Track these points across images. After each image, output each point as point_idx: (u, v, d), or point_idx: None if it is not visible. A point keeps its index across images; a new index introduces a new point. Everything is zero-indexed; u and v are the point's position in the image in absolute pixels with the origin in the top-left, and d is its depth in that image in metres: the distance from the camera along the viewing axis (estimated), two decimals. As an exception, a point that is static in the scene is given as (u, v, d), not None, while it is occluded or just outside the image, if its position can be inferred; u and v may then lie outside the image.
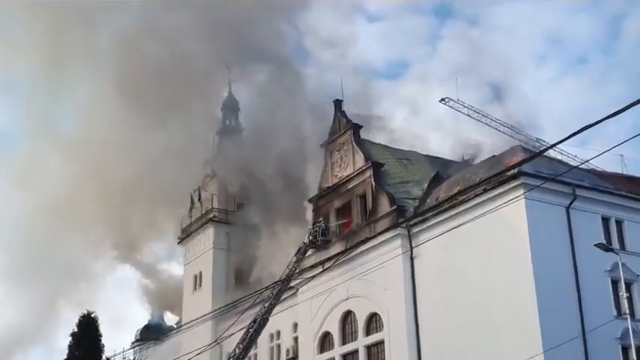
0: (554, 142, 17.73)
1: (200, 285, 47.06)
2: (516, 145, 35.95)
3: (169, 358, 46.64)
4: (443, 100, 43.84)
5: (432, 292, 30.06)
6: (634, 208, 29.43)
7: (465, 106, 43.63)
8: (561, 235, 27.06)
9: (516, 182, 26.96)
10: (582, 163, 26.36)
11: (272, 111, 47.40)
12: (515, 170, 25.94)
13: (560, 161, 33.63)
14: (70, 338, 30.83)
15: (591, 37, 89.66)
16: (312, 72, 47.58)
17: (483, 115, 43.49)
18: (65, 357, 30.60)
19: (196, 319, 43.38)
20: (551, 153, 29.96)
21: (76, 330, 30.87)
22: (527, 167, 26.23)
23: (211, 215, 47.44)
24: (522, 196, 26.51)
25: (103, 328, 31.45)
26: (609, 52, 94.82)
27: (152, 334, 49.85)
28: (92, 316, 31.13)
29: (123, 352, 39.04)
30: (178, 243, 50.29)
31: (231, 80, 52.31)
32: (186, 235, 49.48)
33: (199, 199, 49.57)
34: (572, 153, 37.76)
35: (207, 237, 47.49)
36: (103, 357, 30.30)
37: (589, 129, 11.52)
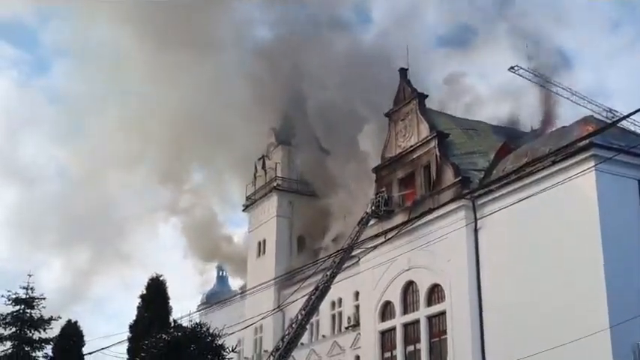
0: (627, 112, 17.13)
1: (264, 252, 47.84)
2: (588, 115, 34.84)
3: (234, 321, 47.83)
4: (512, 68, 42.61)
5: (495, 264, 29.68)
6: None
7: (536, 75, 42.33)
8: (633, 209, 26.27)
9: (587, 154, 26.17)
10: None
11: (335, 79, 47.25)
12: (587, 141, 25.17)
13: (633, 132, 32.42)
14: (139, 300, 31.81)
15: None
16: (378, 40, 47.05)
17: (554, 84, 42.14)
18: (134, 318, 31.61)
19: (259, 284, 44.23)
20: (623, 124, 28.90)
21: (144, 292, 31.82)
22: (599, 139, 25.39)
23: (275, 183, 47.95)
24: (593, 169, 25.73)
25: (170, 291, 32.30)
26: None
27: (217, 298, 51.01)
28: (160, 279, 32.00)
29: (190, 314, 40.08)
30: (243, 210, 51.15)
31: (298, 50, 52.20)
32: (250, 202, 50.22)
33: (263, 167, 50.12)
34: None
35: (271, 205, 48.12)
36: (171, 319, 31.14)
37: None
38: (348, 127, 44.09)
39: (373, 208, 35.17)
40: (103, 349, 29.62)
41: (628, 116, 16.74)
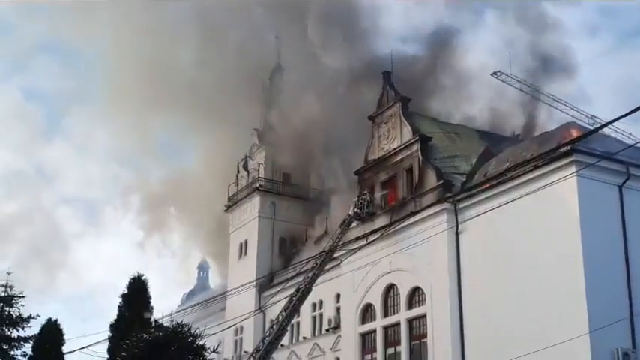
0: (608, 119, 17.32)
1: (245, 253, 47.76)
2: (569, 121, 35.20)
3: (215, 322, 47.70)
4: (495, 73, 42.98)
5: (476, 268, 29.88)
6: (689, 188, 28.58)
7: (518, 80, 42.72)
8: (613, 215, 26.52)
9: (568, 160, 26.42)
10: (638, 143, 25.68)
11: (319, 81, 47.30)
12: (568, 148, 25.43)
13: (613, 139, 32.80)
14: (120, 299, 31.63)
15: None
16: (360, 42, 47.12)
17: (536, 90, 42.52)
18: (115, 317, 31.41)
19: (240, 285, 44.10)
20: (605, 130, 29.22)
21: (126, 291, 31.63)
22: (580, 145, 25.66)
23: (257, 184, 47.91)
24: (574, 174, 25.98)
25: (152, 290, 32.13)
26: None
27: (199, 298, 50.87)
28: (142, 278, 31.83)
29: (171, 314, 39.92)
30: (225, 211, 50.98)
31: (279, 50, 52.23)
32: (232, 203, 50.12)
33: (245, 168, 50.03)
34: (625, 131, 36.85)
35: (253, 206, 48.06)
36: (152, 318, 31.00)
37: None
38: (329, 129, 44.19)
39: (356, 210, 35.24)
40: (83, 348, 29.41)
41: (610, 123, 16.95)
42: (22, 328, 34.07)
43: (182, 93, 54.41)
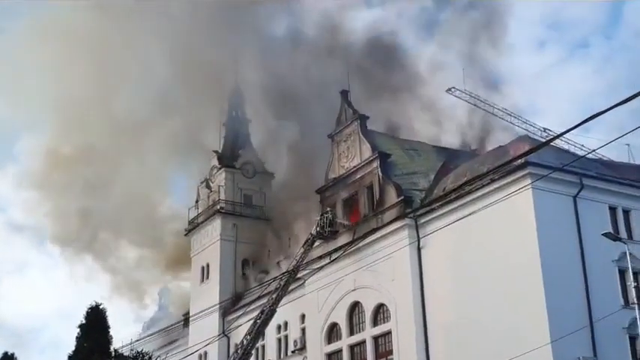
0: (560, 131, 17.66)
1: (207, 277, 47.21)
2: (523, 135, 35.84)
3: (178, 349, 47.01)
4: (449, 90, 43.68)
5: (439, 282, 30.06)
6: (641, 197, 29.31)
7: (472, 96, 43.45)
8: (569, 225, 27.01)
9: (523, 172, 26.89)
10: (589, 153, 26.26)
11: (279, 103, 47.41)
12: (522, 160, 25.87)
13: (566, 151, 33.50)
14: (78, 330, 30.91)
15: (592, 21, 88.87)
16: (316, 60, 47.40)
17: (490, 105, 43.31)
18: (73, 349, 30.69)
19: (203, 310, 43.57)
20: (557, 142, 29.85)
21: (83, 322, 30.93)
22: (534, 157, 26.06)
23: (218, 207, 47.55)
24: (529, 186, 26.45)
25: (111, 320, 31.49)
26: (611, 37, 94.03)
27: (159, 325, 50.06)
28: (100, 307, 31.18)
29: (131, 343, 39.17)
30: (185, 235, 50.42)
31: (237, 72, 52.22)
32: (193, 226, 49.60)
33: (208, 188, 49.60)
34: (577, 142, 37.66)
35: (214, 228, 47.60)
36: (111, 348, 30.35)
37: (596, 118, 11.40)
38: (291, 149, 44.23)
39: (318, 229, 35.21)
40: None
41: (562, 135, 17.25)
42: None
43: (137, 115, 53.85)
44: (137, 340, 42.52)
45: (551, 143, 25.58)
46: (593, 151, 23.08)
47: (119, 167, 55.70)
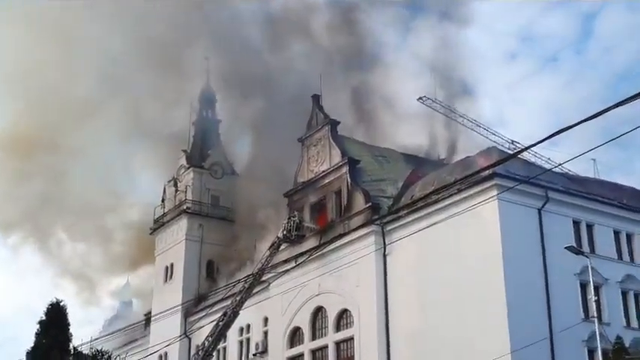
0: (527, 143, 17.90)
1: (171, 277, 46.72)
2: (491, 146, 36.20)
3: (138, 348, 46.44)
4: (420, 98, 43.98)
5: (403, 289, 30.17)
6: (604, 212, 29.77)
7: (442, 105, 43.81)
8: (533, 237, 27.31)
9: (490, 183, 27.14)
10: (555, 167, 26.66)
11: (250, 104, 47.26)
12: (489, 172, 26.11)
13: (533, 163, 33.92)
14: (38, 326, 30.30)
15: (563, 36, 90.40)
16: (289, 66, 47.40)
17: (460, 115, 43.72)
18: (32, 345, 30.06)
19: (165, 310, 43.13)
20: (524, 155, 30.22)
21: (43, 318, 30.33)
22: (501, 169, 26.42)
23: (185, 206, 47.11)
24: (495, 198, 26.71)
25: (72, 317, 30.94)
26: (581, 51, 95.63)
27: (120, 324, 49.40)
28: (61, 304, 30.60)
29: (91, 341, 38.57)
30: (150, 234, 49.85)
31: (209, 71, 51.92)
32: (158, 225, 49.07)
33: (175, 189, 49.14)
34: (544, 155, 38.20)
35: (180, 228, 47.16)
36: (71, 346, 29.80)
37: (564, 132, 11.54)
38: (262, 151, 44.03)
39: (285, 232, 35.10)
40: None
41: (529, 148, 17.51)
42: None
43: (109, 111, 53.14)
44: (97, 339, 41.85)
45: (519, 156, 25.89)
46: (560, 165, 23.45)
47: (79, 157, 54.84)
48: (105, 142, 53.75)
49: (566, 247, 24.44)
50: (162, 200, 49.51)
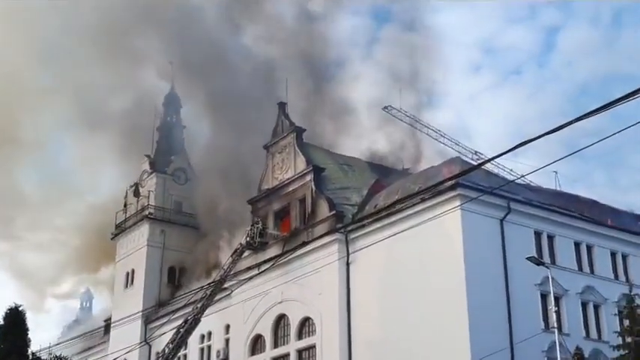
0: (490, 154, 18.09)
1: (132, 283, 46.10)
2: (454, 156, 36.54)
3: (97, 355, 45.71)
4: (385, 108, 44.27)
5: (366, 298, 30.19)
6: (565, 223, 30.20)
7: (407, 115, 44.16)
8: (495, 247, 27.56)
9: (453, 193, 27.35)
10: (518, 178, 26.97)
11: (215, 111, 46.97)
12: (453, 182, 26.30)
13: (496, 175, 34.30)
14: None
15: (526, 49, 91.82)
16: (255, 70, 47.27)
17: (424, 125, 44.12)
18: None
19: (125, 317, 42.54)
20: (487, 166, 30.53)
21: (1, 323, 29.66)
22: (464, 179, 26.62)
23: (147, 212, 46.55)
24: (458, 208, 26.89)
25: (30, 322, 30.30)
26: (543, 65, 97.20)
27: (80, 329, 48.62)
28: (20, 309, 29.95)
29: (49, 347, 37.84)
30: (111, 239, 49.13)
31: (173, 76, 51.51)
32: (120, 230, 48.39)
33: (136, 195, 48.49)
34: (507, 166, 38.67)
35: (141, 234, 46.58)
36: (29, 351, 29.18)
37: (527, 144, 11.69)
38: (226, 157, 43.77)
39: (248, 239, 34.92)
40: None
41: (492, 159, 17.67)
42: None
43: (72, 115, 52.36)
44: (57, 344, 41.09)
45: (482, 167, 26.14)
46: (522, 176, 23.73)
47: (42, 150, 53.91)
48: (61, 137, 52.96)
49: (527, 258, 24.71)
50: (125, 205, 48.86)
